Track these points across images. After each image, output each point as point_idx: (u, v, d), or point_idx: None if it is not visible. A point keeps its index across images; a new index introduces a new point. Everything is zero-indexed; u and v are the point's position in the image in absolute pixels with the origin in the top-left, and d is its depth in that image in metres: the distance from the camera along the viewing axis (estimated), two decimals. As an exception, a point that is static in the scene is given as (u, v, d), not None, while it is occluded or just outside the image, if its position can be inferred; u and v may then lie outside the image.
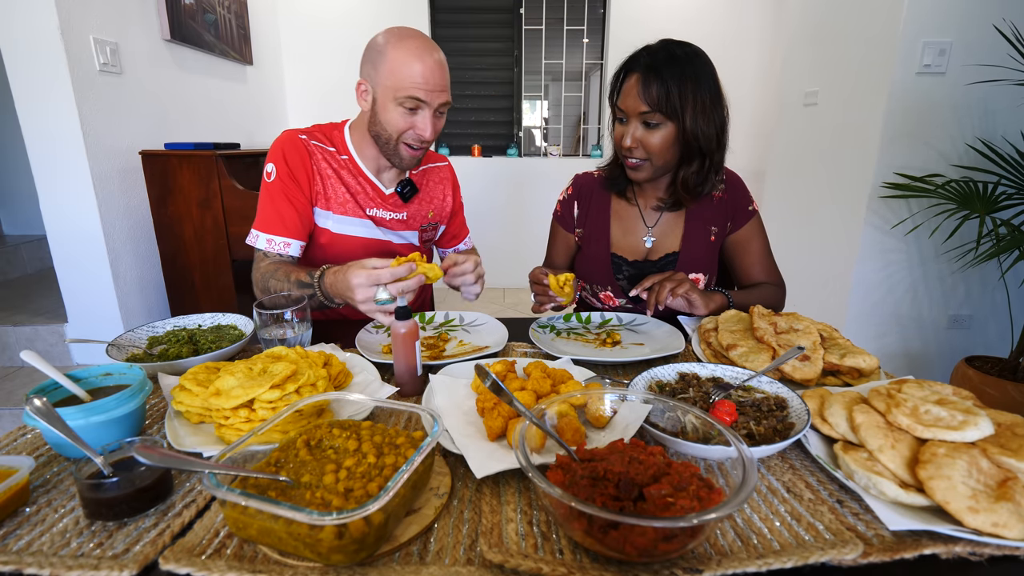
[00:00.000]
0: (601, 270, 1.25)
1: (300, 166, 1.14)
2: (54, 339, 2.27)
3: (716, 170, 1.15)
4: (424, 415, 0.61)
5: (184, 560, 0.46)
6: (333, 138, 1.20)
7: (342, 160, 1.19)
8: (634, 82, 1.06)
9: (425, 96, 1.05)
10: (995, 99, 2.04)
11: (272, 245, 1.13)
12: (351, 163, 1.19)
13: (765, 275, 1.23)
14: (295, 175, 1.13)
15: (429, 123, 1.08)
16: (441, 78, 1.06)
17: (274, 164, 1.13)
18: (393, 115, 1.07)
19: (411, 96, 1.04)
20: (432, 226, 1.34)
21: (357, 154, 1.19)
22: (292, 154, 1.14)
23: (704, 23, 3.69)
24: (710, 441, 0.57)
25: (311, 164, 1.15)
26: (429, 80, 1.04)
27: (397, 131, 1.09)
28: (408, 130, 1.09)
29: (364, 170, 1.19)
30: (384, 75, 1.05)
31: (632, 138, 1.08)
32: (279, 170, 1.13)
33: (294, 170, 1.13)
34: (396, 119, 1.07)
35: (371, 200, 1.21)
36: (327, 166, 1.17)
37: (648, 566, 0.46)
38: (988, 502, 0.49)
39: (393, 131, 1.09)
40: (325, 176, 1.17)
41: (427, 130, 1.08)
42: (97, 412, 0.61)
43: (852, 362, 0.80)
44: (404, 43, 1.04)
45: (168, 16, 2.37)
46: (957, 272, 2.23)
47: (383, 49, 1.05)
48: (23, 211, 3.49)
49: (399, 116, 1.07)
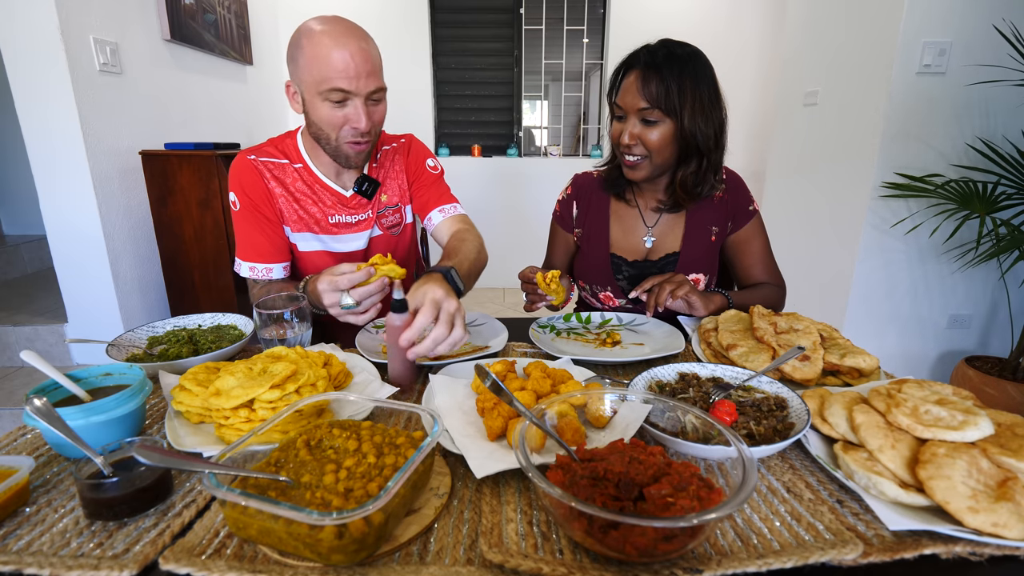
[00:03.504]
0: (601, 270, 1.25)
1: (256, 190, 1.12)
2: (54, 339, 2.27)
3: (714, 171, 1.14)
4: (424, 415, 0.61)
5: (184, 560, 0.46)
6: (286, 148, 1.15)
7: (295, 170, 1.14)
8: (633, 79, 1.06)
9: (349, 85, 0.98)
10: (995, 99, 2.04)
11: (255, 272, 1.13)
12: (306, 171, 1.15)
13: (765, 275, 1.23)
14: (255, 201, 1.12)
15: (362, 113, 1.01)
16: (364, 63, 0.98)
17: (235, 193, 1.12)
18: (323, 111, 1.01)
19: (334, 88, 0.98)
20: (392, 208, 1.24)
21: (312, 160, 1.15)
22: (247, 180, 1.11)
23: (704, 23, 3.69)
24: (710, 441, 0.57)
25: (264, 185, 1.12)
26: (350, 67, 0.97)
27: (332, 128, 1.03)
28: (344, 125, 1.03)
29: (320, 176, 1.15)
30: (304, 71, 0.99)
31: (630, 135, 1.08)
32: (240, 199, 1.12)
33: (252, 196, 1.11)
34: (327, 115, 1.01)
35: (332, 207, 1.16)
36: (276, 184, 1.13)
37: (648, 566, 0.46)
38: (988, 502, 0.49)
39: (328, 128, 1.03)
40: (283, 193, 1.14)
41: (361, 120, 1.01)
42: (97, 412, 0.61)
43: (852, 362, 0.80)
44: (319, 33, 0.97)
45: (168, 16, 2.37)
46: (957, 272, 2.23)
47: (299, 43, 0.99)
48: (23, 211, 3.49)
49: (329, 111, 1.01)
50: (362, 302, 0.91)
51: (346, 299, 0.89)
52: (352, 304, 0.90)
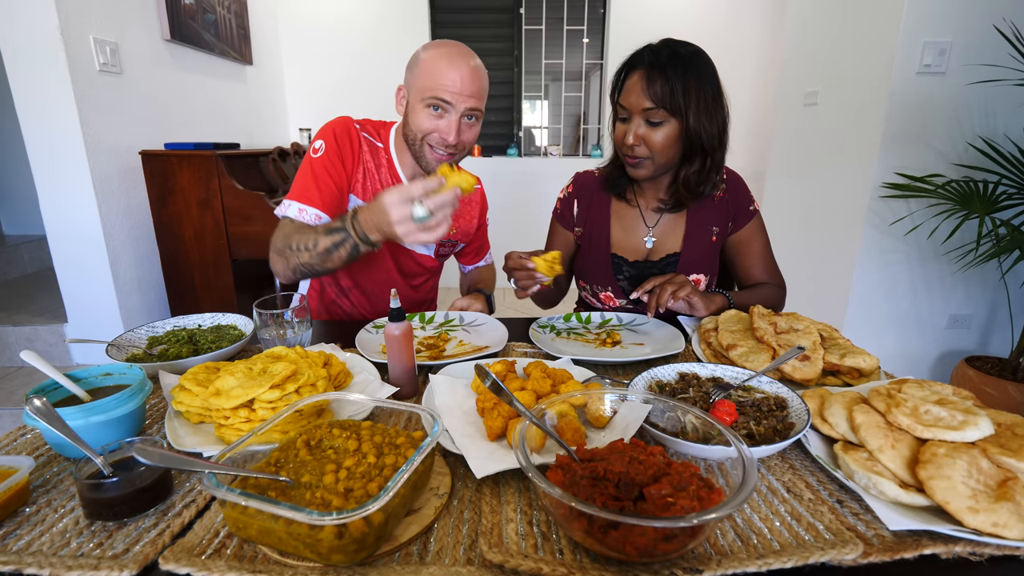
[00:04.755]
0: (601, 270, 1.25)
1: (348, 150, 1.16)
2: (54, 339, 2.27)
3: (717, 169, 1.14)
4: (424, 415, 0.61)
5: (184, 560, 0.46)
6: (382, 135, 1.22)
7: (384, 159, 1.21)
8: (637, 79, 1.06)
9: (450, 98, 1.06)
10: (995, 99, 2.04)
11: (303, 215, 1.10)
12: (390, 164, 1.21)
13: (766, 275, 1.23)
14: (343, 156, 1.15)
15: (454, 127, 1.08)
16: (470, 84, 1.06)
17: (323, 141, 1.14)
18: (420, 116, 1.09)
19: (436, 97, 1.06)
20: (451, 243, 1.36)
21: (397, 158, 1.21)
22: (343, 137, 1.15)
23: (704, 22, 3.69)
24: (710, 441, 0.57)
25: (359, 152, 1.18)
26: (456, 83, 1.05)
27: (422, 132, 1.10)
28: (433, 132, 1.10)
29: (400, 174, 1.21)
30: (416, 78, 1.08)
31: (635, 135, 1.08)
32: (328, 147, 1.14)
33: (343, 151, 1.15)
34: (422, 120, 1.09)
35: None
36: (371, 159, 1.19)
37: (648, 566, 0.46)
38: (988, 502, 0.49)
39: (418, 131, 1.10)
40: (368, 169, 1.19)
41: (450, 133, 1.08)
42: (97, 412, 0.61)
43: (852, 362, 0.80)
44: (439, 49, 1.08)
45: (168, 16, 2.37)
46: (957, 272, 2.23)
47: (419, 55, 1.09)
48: (23, 211, 3.49)
49: (425, 117, 1.08)
50: (435, 213, 0.86)
51: (419, 210, 0.83)
52: (425, 215, 0.84)
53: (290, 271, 1.07)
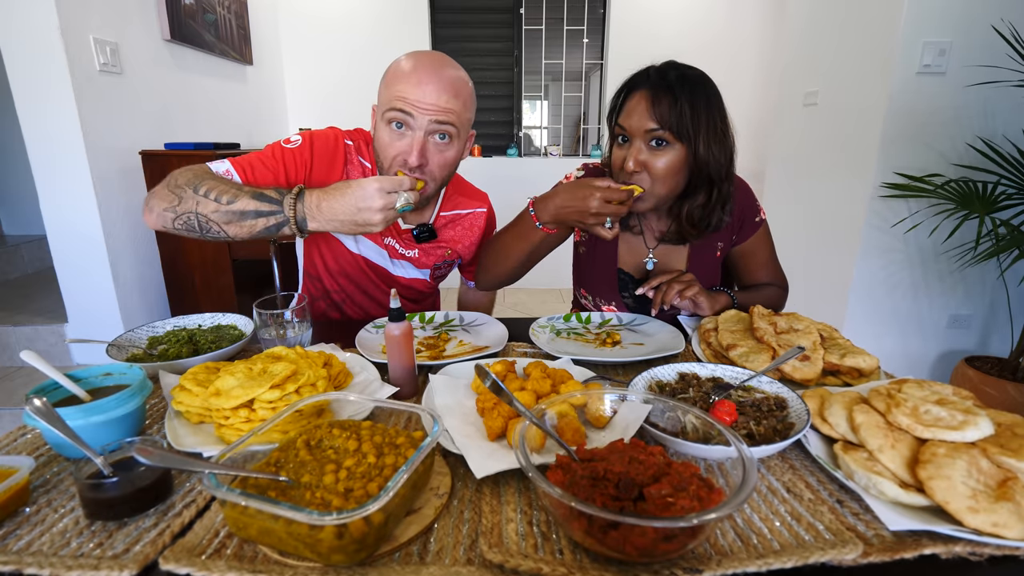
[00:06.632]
0: (606, 285, 1.21)
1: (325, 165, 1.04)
2: (54, 339, 2.27)
3: (723, 203, 1.05)
4: (424, 415, 0.61)
5: (184, 560, 0.46)
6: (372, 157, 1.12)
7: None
8: (640, 99, 0.97)
9: (409, 108, 0.91)
10: (995, 99, 2.04)
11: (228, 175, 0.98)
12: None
13: (769, 278, 1.22)
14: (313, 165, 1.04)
15: (416, 145, 0.92)
16: (437, 93, 0.91)
17: (303, 140, 1.04)
18: (382, 134, 0.96)
19: (392, 108, 0.91)
20: (448, 263, 1.26)
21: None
22: (322, 149, 1.04)
23: (705, 22, 3.69)
24: (710, 441, 0.57)
25: (342, 172, 1.06)
26: (416, 91, 0.90)
27: (387, 156, 0.97)
28: (396, 155, 0.95)
29: None
30: (381, 91, 0.96)
31: (635, 160, 0.97)
32: (301, 148, 1.02)
33: (316, 160, 1.03)
34: (383, 139, 0.96)
35: (388, 230, 1.14)
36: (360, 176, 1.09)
37: (648, 566, 0.46)
38: (988, 502, 0.49)
39: (383, 156, 0.98)
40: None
41: (411, 153, 0.92)
42: (97, 412, 0.61)
43: (852, 362, 0.80)
44: (408, 58, 0.95)
45: (168, 16, 2.37)
46: (957, 272, 2.23)
47: (389, 66, 0.97)
48: (23, 211, 3.50)
49: (386, 136, 0.95)
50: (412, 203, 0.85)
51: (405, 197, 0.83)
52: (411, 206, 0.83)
53: (170, 214, 0.89)
